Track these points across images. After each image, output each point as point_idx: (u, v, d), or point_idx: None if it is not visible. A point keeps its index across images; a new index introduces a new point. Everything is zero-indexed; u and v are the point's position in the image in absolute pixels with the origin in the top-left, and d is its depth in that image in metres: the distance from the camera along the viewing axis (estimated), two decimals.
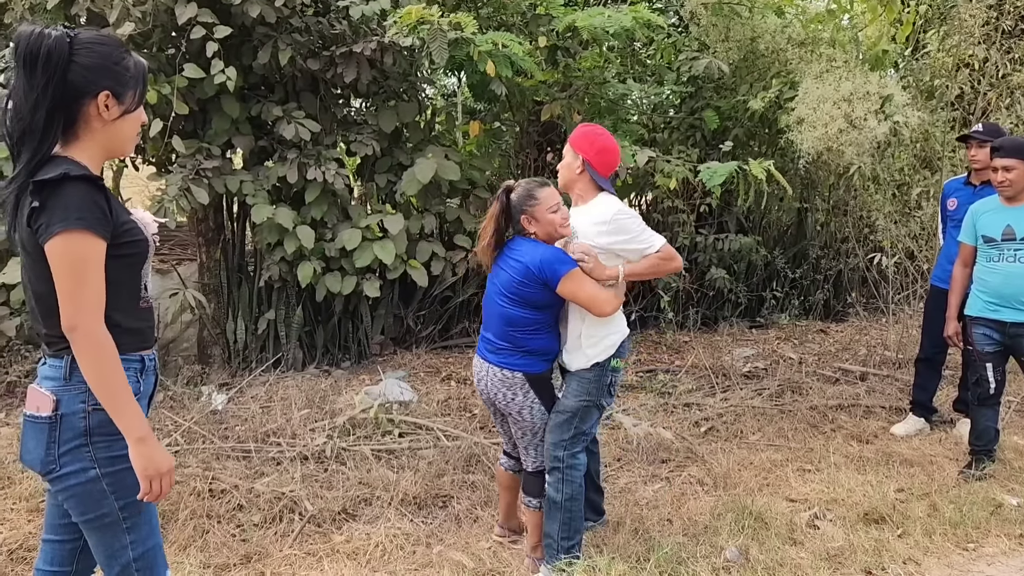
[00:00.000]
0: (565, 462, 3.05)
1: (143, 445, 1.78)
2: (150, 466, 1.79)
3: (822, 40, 6.10)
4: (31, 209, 1.70)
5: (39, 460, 1.80)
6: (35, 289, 1.81)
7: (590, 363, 3.03)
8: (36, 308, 1.83)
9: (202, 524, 3.43)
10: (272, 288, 5.67)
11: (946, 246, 4.79)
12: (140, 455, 1.78)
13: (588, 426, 3.10)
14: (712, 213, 7.23)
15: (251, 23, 4.92)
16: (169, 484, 1.83)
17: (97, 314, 1.74)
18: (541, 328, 3.03)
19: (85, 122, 1.81)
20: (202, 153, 5.16)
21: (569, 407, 3.06)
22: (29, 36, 1.73)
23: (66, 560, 1.99)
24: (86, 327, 1.72)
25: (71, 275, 1.71)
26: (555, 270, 2.88)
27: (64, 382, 1.80)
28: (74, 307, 1.71)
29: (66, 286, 1.71)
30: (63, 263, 1.70)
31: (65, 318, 1.72)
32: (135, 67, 1.88)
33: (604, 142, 3.07)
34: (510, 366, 3.04)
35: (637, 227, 3.00)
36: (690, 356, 6.26)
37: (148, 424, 1.82)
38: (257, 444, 4.21)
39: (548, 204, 2.97)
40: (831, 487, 4.00)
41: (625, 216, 2.98)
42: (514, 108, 6.43)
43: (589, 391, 3.05)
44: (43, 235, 1.70)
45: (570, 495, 3.06)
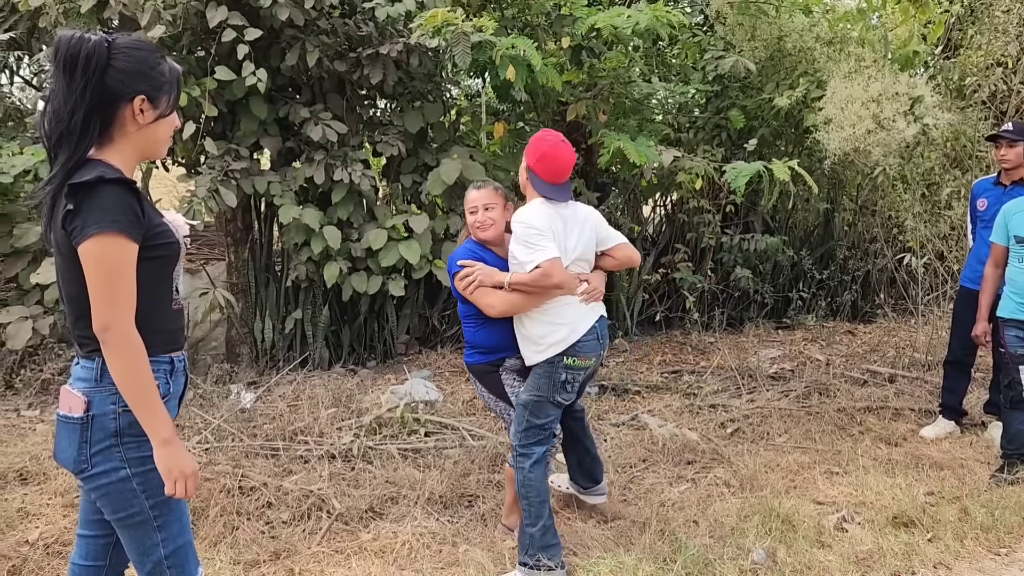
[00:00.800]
0: (518, 451, 3.16)
1: (168, 447, 1.81)
2: (174, 468, 1.82)
3: (850, 39, 6.04)
4: (66, 212, 1.72)
5: (72, 459, 1.83)
6: (68, 291, 1.84)
7: (537, 359, 3.11)
8: (69, 309, 1.86)
9: (232, 521, 3.47)
10: (299, 288, 5.73)
11: (976, 246, 4.73)
12: (164, 457, 1.81)
13: (542, 421, 3.13)
14: (738, 213, 7.20)
15: (280, 25, 4.97)
16: (194, 486, 1.85)
17: (129, 316, 1.77)
18: (472, 320, 3.24)
19: (120, 125, 1.84)
20: (231, 154, 5.22)
21: (522, 400, 3.16)
22: (69, 40, 1.76)
23: (100, 555, 2.03)
24: (118, 329, 1.75)
25: (104, 277, 1.73)
26: (450, 271, 3.19)
27: (96, 383, 1.83)
28: (106, 309, 1.74)
29: (99, 288, 1.74)
30: (97, 265, 1.73)
31: (97, 320, 1.75)
32: (170, 72, 1.91)
33: (546, 148, 3.06)
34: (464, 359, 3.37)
35: (520, 244, 2.97)
36: (715, 357, 6.23)
37: (173, 427, 1.85)
38: (285, 442, 4.25)
39: (468, 205, 3.25)
40: (859, 490, 3.96)
41: (521, 224, 2.98)
42: (539, 109, 6.43)
43: (539, 386, 3.11)
44: (77, 237, 1.73)
45: (522, 482, 3.13)
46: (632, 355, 6.42)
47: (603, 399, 5.33)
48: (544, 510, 3.12)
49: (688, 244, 6.95)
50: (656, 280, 6.75)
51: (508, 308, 3.06)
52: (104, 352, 1.77)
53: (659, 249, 7.10)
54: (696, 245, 6.99)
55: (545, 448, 3.18)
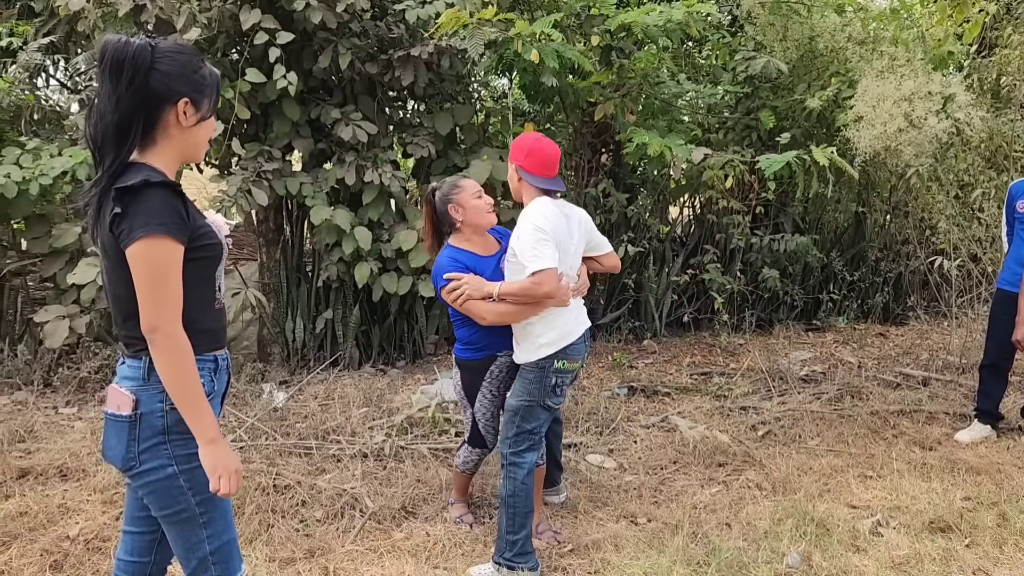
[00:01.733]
0: (508, 459, 3.13)
1: (212, 445, 1.84)
2: (219, 465, 1.84)
3: (884, 38, 5.98)
4: (113, 215, 1.76)
5: (120, 457, 1.87)
6: (115, 292, 1.87)
7: (528, 360, 3.09)
8: (115, 310, 1.89)
9: (267, 519, 3.51)
10: (330, 288, 5.77)
11: (1014, 248, 4.67)
12: (209, 454, 1.84)
13: (533, 425, 3.12)
14: (768, 214, 7.15)
15: (312, 28, 5.02)
16: (237, 482, 1.88)
17: (176, 316, 1.80)
18: (463, 320, 3.23)
19: (164, 128, 1.87)
20: (263, 155, 5.27)
21: (511, 406, 3.14)
22: (115, 44, 1.80)
23: (145, 551, 2.07)
24: (165, 329, 1.78)
25: (152, 279, 1.77)
26: (436, 282, 3.16)
27: (143, 382, 1.87)
28: (154, 310, 1.77)
29: (147, 289, 1.77)
30: (144, 267, 1.76)
31: (145, 320, 1.78)
32: (210, 76, 1.94)
33: (530, 144, 3.07)
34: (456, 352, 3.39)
35: (528, 239, 2.91)
36: (745, 359, 6.19)
37: (218, 425, 1.88)
38: (318, 441, 4.29)
39: (471, 191, 3.22)
40: (894, 494, 3.92)
41: (525, 222, 2.93)
42: (567, 109, 6.43)
43: (530, 391, 3.09)
44: (125, 240, 1.76)
45: (512, 491, 3.10)
46: (661, 356, 6.40)
47: (632, 400, 5.31)
48: (529, 520, 3.15)
49: (717, 245, 6.91)
50: (685, 281, 6.72)
51: (499, 319, 3.04)
52: (152, 352, 1.80)
53: (688, 250, 7.07)
54: (725, 246, 6.95)
55: (536, 455, 3.18)
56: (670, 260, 6.89)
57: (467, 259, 3.19)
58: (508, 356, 3.26)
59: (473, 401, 3.37)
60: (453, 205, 3.19)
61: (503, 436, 3.18)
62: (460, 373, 3.39)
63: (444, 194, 3.23)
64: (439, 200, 3.24)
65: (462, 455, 3.54)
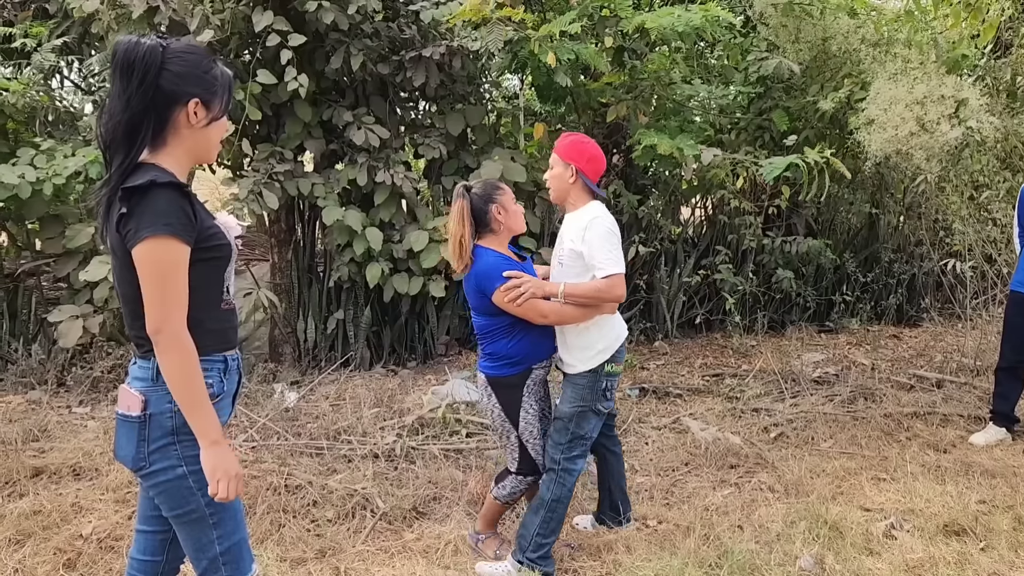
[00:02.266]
0: (560, 465, 3.10)
1: (215, 448, 1.84)
2: (219, 468, 1.84)
3: (897, 41, 5.94)
4: (120, 215, 1.76)
5: (131, 457, 1.87)
6: (124, 292, 1.87)
7: (583, 368, 3.06)
8: (125, 310, 1.90)
9: (278, 518, 3.52)
10: (341, 288, 5.79)
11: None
12: (211, 457, 1.84)
13: (586, 431, 3.11)
14: (780, 215, 7.12)
15: (324, 30, 5.03)
16: (236, 488, 1.87)
17: (180, 317, 1.80)
18: (499, 333, 3.05)
19: (174, 129, 1.87)
20: (275, 157, 5.29)
21: (565, 413, 3.09)
22: (127, 45, 1.80)
23: (157, 550, 2.07)
24: (170, 330, 1.77)
25: (157, 279, 1.76)
26: (489, 284, 2.96)
27: (152, 383, 1.87)
28: (158, 311, 1.77)
29: (152, 290, 1.77)
30: (150, 268, 1.76)
31: (150, 321, 1.78)
32: (222, 76, 1.94)
33: (592, 150, 3.07)
34: (479, 367, 3.16)
35: (604, 241, 2.93)
36: (758, 360, 6.17)
37: (221, 428, 1.87)
38: (329, 441, 4.29)
39: (511, 194, 3.11)
40: (908, 497, 3.89)
41: (600, 225, 2.94)
42: (579, 110, 6.43)
43: (583, 397, 3.07)
44: (131, 240, 1.76)
45: (558, 496, 3.10)
46: (672, 358, 6.38)
47: (644, 402, 5.30)
48: (560, 528, 3.17)
49: (729, 246, 6.89)
50: (696, 282, 6.70)
51: (559, 319, 3.00)
52: (156, 353, 1.80)
53: (700, 251, 7.04)
54: (737, 247, 6.93)
55: (585, 462, 3.17)
56: (682, 261, 6.87)
57: (514, 263, 3.11)
58: (542, 368, 3.15)
59: (516, 422, 3.11)
60: (497, 205, 3.03)
61: (554, 442, 3.10)
62: (496, 395, 3.10)
63: (486, 193, 3.05)
64: (478, 198, 3.03)
65: (509, 486, 3.23)
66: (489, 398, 3.13)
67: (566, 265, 3.05)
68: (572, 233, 3.02)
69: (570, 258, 3.03)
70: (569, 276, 3.03)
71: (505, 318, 3.03)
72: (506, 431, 3.15)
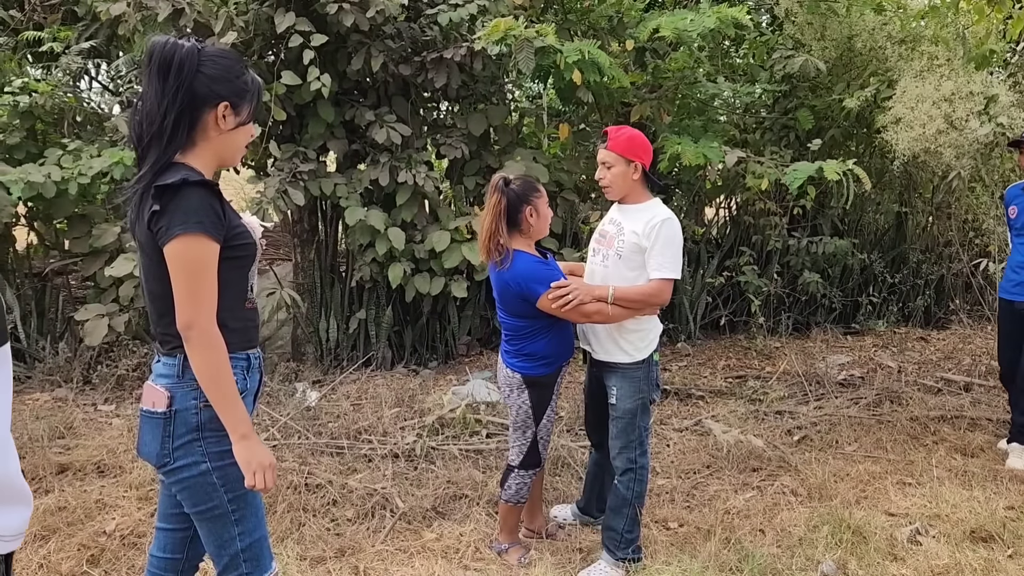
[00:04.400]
0: (637, 462, 3.14)
1: (246, 441, 1.86)
2: (253, 460, 1.86)
3: (923, 37, 5.86)
4: (152, 212, 1.78)
5: (155, 454, 1.89)
6: (151, 289, 1.90)
7: (640, 357, 3.08)
8: (152, 307, 1.92)
9: (298, 517, 3.54)
10: (363, 288, 5.81)
11: (1012, 254, 4.57)
12: (243, 450, 1.86)
13: (647, 423, 3.17)
14: (806, 215, 7.04)
15: (346, 31, 5.05)
16: (272, 477, 1.90)
17: (211, 314, 1.82)
18: (537, 333, 3.07)
19: (203, 130, 1.89)
20: (298, 157, 5.32)
21: (628, 409, 3.10)
22: (164, 46, 1.83)
23: (178, 548, 2.09)
24: (201, 326, 1.80)
25: (189, 276, 1.79)
26: (534, 289, 2.96)
27: (177, 379, 1.89)
28: (190, 307, 1.79)
29: (183, 287, 1.79)
30: (181, 265, 1.78)
31: (181, 317, 1.80)
32: (252, 82, 1.97)
33: (647, 143, 3.08)
34: (511, 366, 3.14)
35: (672, 245, 2.96)
36: (782, 362, 6.10)
37: (251, 422, 1.90)
38: (349, 441, 4.31)
39: (547, 199, 3.09)
40: (934, 502, 3.83)
41: (673, 227, 2.97)
42: (602, 110, 6.40)
43: (641, 389, 3.10)
44: (163, 238, 1.78)
45: (639, 492, 3.15)
46: (695, 359, 6.33)
47: (666, 404, 5.26)
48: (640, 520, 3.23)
49: (753, 247, 6.83)
50: (720, 283, 6.64)
51: (604, 320, 3.02)
52: (187, 349, 1.82)
53: (723, 252, 6.99)
54: (762, 248, 6.86)
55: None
56: (705, 262, 6.81)
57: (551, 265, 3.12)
58: (568, 364, 3.24)
59: (540, 420, 3.16)
60: (530, 208, 3.00)
61: (626, 442, 3.11)
62: (529, 393, 3.12)
63: (524, 192, 3.01)
64: (516, 195, 2.98)
65: (515, 484, 3.23)
66: (520, 395, 3.15)
67: (624, 258, 3.03)
68: (638, 227, 2.99)
69: (631, 251, 3.01)
70: (623, 270, 3.03)
71: (543, 319, 3.06)
72: (526, 427, 3.18)
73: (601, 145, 3.10)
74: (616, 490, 3.19)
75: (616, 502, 3.19)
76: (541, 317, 3.04)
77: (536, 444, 3.20)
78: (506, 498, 3.27)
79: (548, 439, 3.27)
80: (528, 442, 3.19)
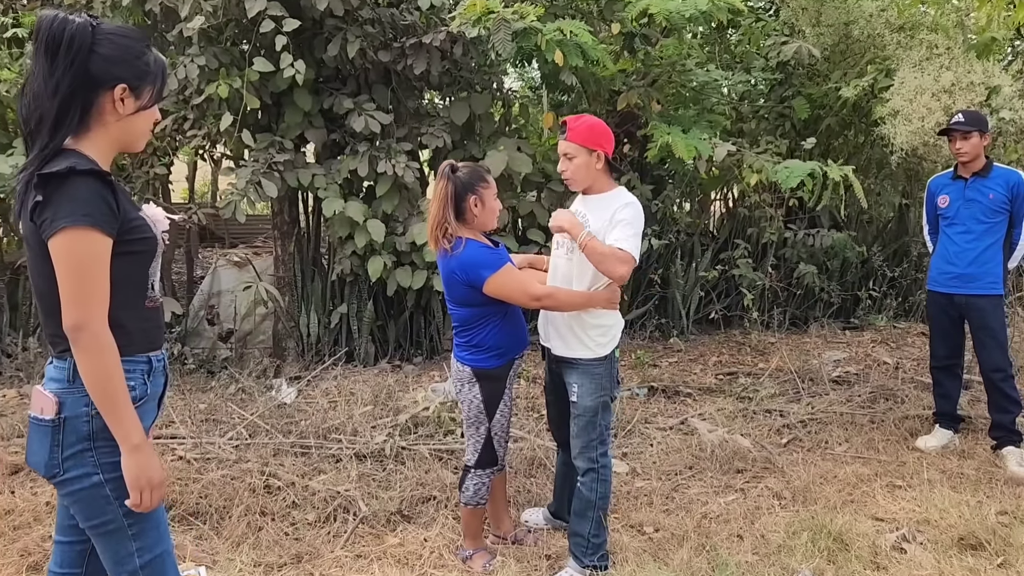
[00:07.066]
0: (598, 462, 3.02)
1: (138, 454, 1.71)
2: (142, 476, 1.72)
3: (923, 25, 5.65)
4: (35, 203, 1.63)
5: (43, 463, 1.75)
6: (38, 286, 1.75)
7: (602, 353, 2.97)
8: (40, 306, 1.78)
9: (256, 521, 3.40)
10: (345, 282, 5.67)
11: (942, 245, 4.45)
12: (133, 464, 1.71)
13: (608, 421, 3.06)
14: (803, 207, 6.85)
15: (320, 15, 4.89)
16: (160, 497, 1.76)
17: (101, 315, 1.67)
18: (486, 323, 2.95)
19: (98, 114, 1.74)
20: (275, 147, 5.17)
21: (588, 408, 2.98)
22: (52, 21, 1.68)
23: (76, 562, 1.94)
24: (89, 328, 1.65)
25: (75, 273, 1.64)
26: (479, 274, 2.82)
27: (68, 384, 1.74)
28: (77, 307, 1.64)
29: (69, 285, 1.64)
30: (67, 261, 1.63)
31: (67, 318, 1.65)
32: (155, 63, 1.81)
33: (608, 130, 2.97)
34: (460, 359, 3.02)
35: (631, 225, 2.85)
36: (775, 359, 5.93)
37: (144, 433, 1.75)
38: (318, 440, 4.17)
39: (494, 190, 2.96)
40: (923, 506, 3.66)
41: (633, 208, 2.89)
42: (590, 98, 6.22)
43: (603, 386, 2.99)
44: (47, 231, 1.63)
45: (603, 493, 3.04)
46: (687, 355, 6.16)
47: (652, 401, 5.10)
48: (607, 522, 3.11)
49: (749, 239, 6.64)
50: (714, 277, 6.46)
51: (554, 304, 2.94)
52: (74, 352, 1.67)
53: (718, 244, 6.80)
54: (757, 240, 6.67)
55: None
56: (699, 255, 6.64)
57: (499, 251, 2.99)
58: (521, 358, 3.12)
59: (492, 415, 3.02)
60: (475, 197, 2.88)
61: (587, 441, 3.00)
62: (480, 386, 2.99)
63: (470, 180, 2.89)
64: (461, 183, 2.87)
65: (472, 485, 3.09)
66: (471, 390, 3.02)
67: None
68: (601, 216, 2.89)
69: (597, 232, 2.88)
70: (588, 264, 2.88)
71: (491, 307, 2.93)
72: (480, 423, 3.04)
73: (561, 136, 2.96)
74: (579, 492, 3.07)
75: (580, 505, 3.07)
76: (489, 305, 2.91)
77: (491, 441, 3.06)
78: (465, 500, 3.13)
79: (505, 436, 3.13)
80: (482, 439, 3.05)
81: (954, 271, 4.34)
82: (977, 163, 4.29)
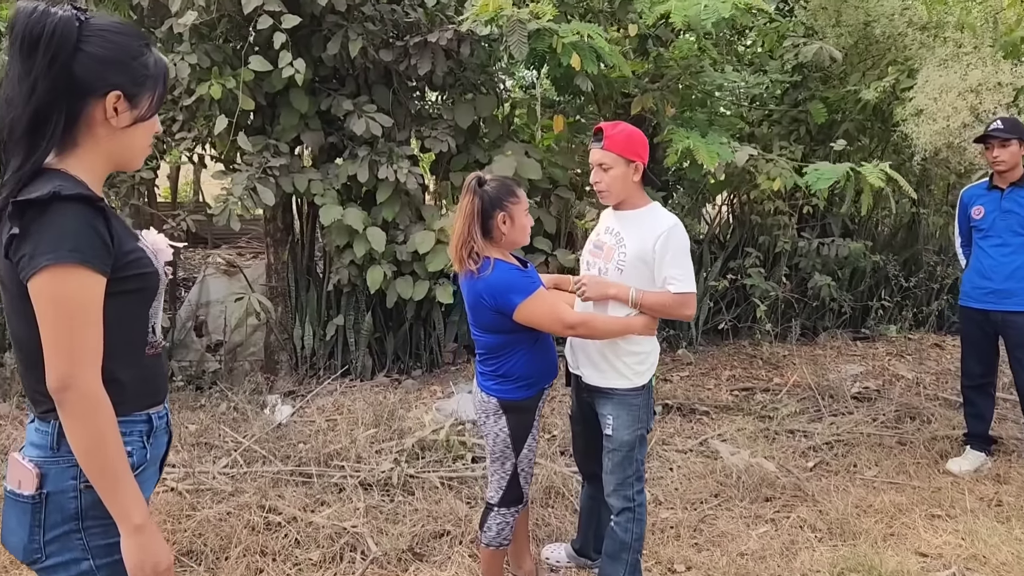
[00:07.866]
0: (635, 500, 2.79)
1: (140, 535, 1.42)
2: (147, 561, 1.43)
3: (948, 23, 5.44)
4: (10, 236, 1.34)
5: (21, 547, 1.45)
6: (16, 332, 1.46)
7: (640, 383, 2.73)
8: (18, 357, 1.48)
9: (255, 562, 3.11)
10: (341, 292, 5.38)
11: (975, 259, 4.26)
12: (135, 547, 1.42)
13: (643, 454, 2.83)
14: (816, 215, 6.63)
15: (320, 12, 4.60)
16: None
17: (94, 370, 1.38)
18: (515, 351, 2.70)
19: (88, 127, 1.45)
20: (269, 150, 4.87)
21: (625, 442, 2.74)
22: (30, 13, 1.38)
23: None
24: (79, 386, 1.36)
25: (61, 321, 1.35)
26: (510, 300, 2.56)
27: (51, 452, 1.45)
28: (64, 361, 1.36)
29: (54, 334, 1.35)
30: (51, 306, 1.35)
31: (52, 374, 1.36)
32: (155, 66, 1.51)
33: (645, 139, 2.74)
34: (486, 389, 2.76)
35: (682, 255, 2.63)
36: (790, 372, 5.70)
37: (147, 510, 1.46)
38: (319, 467, 3.89)
39: (525, 205, 2.71)
40: (968, 539, 3.44)
41: (680, 235, 2.64)
42: (600, 101, 5.96)
43: (640, 418, 2.76)
44: (26, 269, 1.34)
45: (639, 534, 2.80)
46: (697, 368, 5.92)
47: (667, 420, 4.85)
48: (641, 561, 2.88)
49: (760, 247, 6.41)
50: (724, 286, 6.22)
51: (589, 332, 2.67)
52: (61, 414, 1.38)
53: (727, 252, 6.57)
54: (769, 249, 6.44)
55: None
56: (708, 263, 6.39)
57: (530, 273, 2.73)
58: (550, 388, 2.86)
59: (520, 449, 2.76)
60: (504, 214, 2.61)
61: (623, 478, 2.75)
62: (507, 418, 2.72)
63: (498, 195, 2.63)
64: (490, 198, 2.61)
65: (495, 525, 2.82)
66: (497, 422, 2.74)
67: (626, 272, 2.66)
68: (640, 237, 2.63)
69: (634, 264, 2.65)
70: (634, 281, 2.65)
71: (522, 335, 2.66)
72: (505, 458, 2.77)
73: (595, 144, 2.69)
74: (612, 533, 2.80)
75: (613, 547, 2.80)
76: (519, 332, 2.63)
77: (517, 478, 2.79)
78: (487, 541, 2.86)
79: (531, 471, 2.87)
80: (508, 475, 2.78)
81: (990, 286, 4.13)
82: (1015, 172, 4.08)
